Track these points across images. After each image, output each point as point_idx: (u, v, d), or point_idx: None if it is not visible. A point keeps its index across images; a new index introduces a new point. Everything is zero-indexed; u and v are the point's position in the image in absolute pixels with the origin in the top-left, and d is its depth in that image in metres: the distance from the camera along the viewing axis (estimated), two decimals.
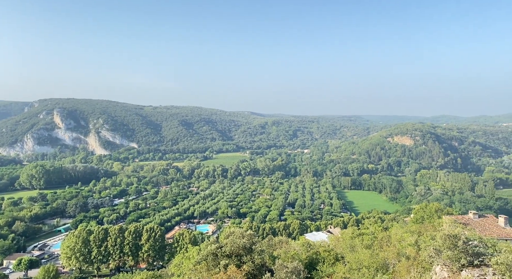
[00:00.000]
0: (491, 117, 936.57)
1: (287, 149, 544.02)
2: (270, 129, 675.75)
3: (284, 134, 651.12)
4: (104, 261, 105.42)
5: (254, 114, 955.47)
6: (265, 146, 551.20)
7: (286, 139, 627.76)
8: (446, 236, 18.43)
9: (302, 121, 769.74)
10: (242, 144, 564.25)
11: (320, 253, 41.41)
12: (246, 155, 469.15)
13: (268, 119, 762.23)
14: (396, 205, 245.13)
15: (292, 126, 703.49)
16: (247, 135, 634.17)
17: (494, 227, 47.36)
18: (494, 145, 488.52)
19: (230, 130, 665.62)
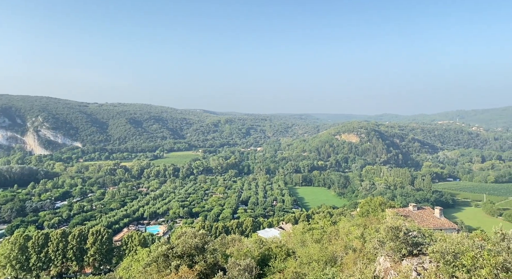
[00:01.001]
0: (428, 115, 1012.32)
1: (241, 147, 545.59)
2: (223, 127, 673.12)
3: (237, 132, 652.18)
4: (45, 267, 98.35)
5: (206, 112, 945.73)
6: (218, 144, 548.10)
7: (239, 137, 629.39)
8: (389, 228, 19.44)
9: (255, 120, 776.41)
10: (195, 142, 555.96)
11: (272, 249, 41.95)
12: (199, 154, 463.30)
13: (221, 118, 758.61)
14: (343, 200, 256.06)
15: (245, 124, 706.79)
16: (199, 133, 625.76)
17: (431, 218, 51.25)
18: (431, 141, 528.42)
19: (182, 128, 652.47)
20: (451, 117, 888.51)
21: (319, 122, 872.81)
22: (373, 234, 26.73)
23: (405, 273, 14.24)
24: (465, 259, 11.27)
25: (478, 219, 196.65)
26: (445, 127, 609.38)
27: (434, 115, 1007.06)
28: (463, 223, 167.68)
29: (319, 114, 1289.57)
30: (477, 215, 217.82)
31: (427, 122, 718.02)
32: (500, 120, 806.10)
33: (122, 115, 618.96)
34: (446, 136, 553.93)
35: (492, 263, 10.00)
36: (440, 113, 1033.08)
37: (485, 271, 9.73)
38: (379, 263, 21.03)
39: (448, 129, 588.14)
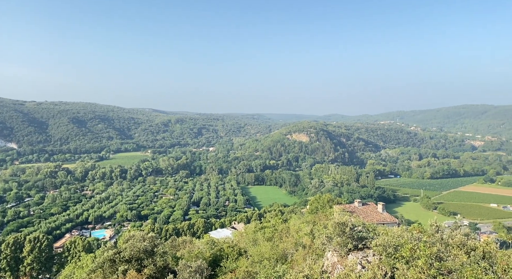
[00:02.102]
0: (371, 116, 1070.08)
1: (192, 147, 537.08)
2: (174, 127, 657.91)
3: (189, 132, 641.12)
4: None
5: (156, 112, 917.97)
6: (168, 145, 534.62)
7: (191, 137, 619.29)
8: (336, 224, 20.20)
9: (207, 119, 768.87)
10: (143, 142, 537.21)
11: (224, 250, 41.85)
12: (148, 154, 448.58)
13: (171, 117, 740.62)
14: (294, 198, 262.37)
15: (197, 124, 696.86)
16: (148, 133, 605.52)
17: (374, 213, 54.08)
18: (374, 140, 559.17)
19: (130, 128, 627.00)
20: (392, 117, 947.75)
21: (271, 122, 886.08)
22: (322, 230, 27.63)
23: (351, 267, 14.88)
24: (404, 251, 12.03)
25: (416, 213, 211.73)
26: (387, 127, 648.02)
27: (377, 115, 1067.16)
28: (403, 217, 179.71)
29: (271, 115, 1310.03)
30: (415, 209, 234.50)
31: (370, 122, 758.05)
32: (434, 121, 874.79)
33: (64, 115, 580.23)
34: (387, 136, 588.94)
35: (427, 254, 10.77)
36: (382, 114, 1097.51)
37: (421, 261, 10.45)
38: (327, 258, 21.78)
39: (389, 129, 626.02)
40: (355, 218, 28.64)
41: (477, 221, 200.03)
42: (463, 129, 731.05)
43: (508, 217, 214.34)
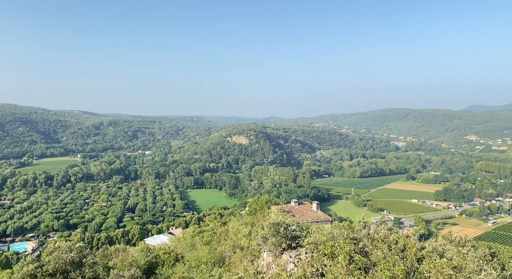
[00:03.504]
0: (307, 119, 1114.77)
1: (127, 150, 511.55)
2: (107, 130, 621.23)
3: (123, 135, 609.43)
4: None
5: (86, 114, 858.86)
6: (100, 148, 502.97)
7: (125, 140, 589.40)
8: (271, 224, 20.52)
9: (143, 122, 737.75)
10: (72, 146, 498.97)
11: (160, 256, 40.49)
12: (78, 159, 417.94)
13: (103, 119, 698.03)
14: (234, 200, 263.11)
15: (132, 127, 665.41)
16: (78, 137, 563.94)
17: (309, 212, 56.16)
18: (310, 142, 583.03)
19: (56, 131, 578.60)
20: (326, 120, 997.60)
21: (211, 125, 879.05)
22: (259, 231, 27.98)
23: (283, 266, 15.19)
24: (325, 248, 12.56)
25: (348, 210, 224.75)
26: (321, 129, 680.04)
27: (312, 118, 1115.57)
28: (336, 215, 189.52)
29: (211, 117, 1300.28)
30: (347, 207, 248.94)
31: (306, 125, 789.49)
32: (363, 123, 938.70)
33: None
34: (322, 137, 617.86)
35: (347, 250, 11.35)
36: (317, 116, 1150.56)
37: (341, 257, 10.99)
38: (263, 259, 22.04)
39: (324, 131, 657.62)
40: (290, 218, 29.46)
41: (401, 216, 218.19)
42: (388, 131, 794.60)
43: (427, 211, 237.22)
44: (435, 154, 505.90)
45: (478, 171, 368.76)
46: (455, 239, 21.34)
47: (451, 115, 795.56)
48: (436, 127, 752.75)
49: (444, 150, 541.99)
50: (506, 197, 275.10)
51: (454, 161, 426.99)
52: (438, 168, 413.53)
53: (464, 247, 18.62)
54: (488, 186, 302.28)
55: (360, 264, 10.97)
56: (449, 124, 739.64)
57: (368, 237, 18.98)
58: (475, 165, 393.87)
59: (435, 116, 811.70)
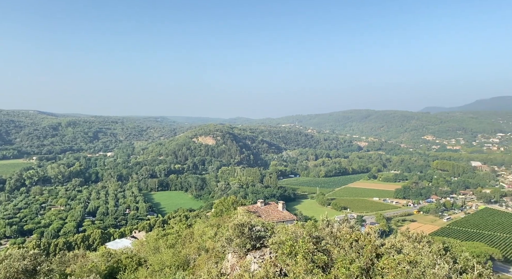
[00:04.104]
0: (274, 119, 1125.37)
1: (87, 152, 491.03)
2: (65, 131, 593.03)
3: (83, 136, 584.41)
4: None
5: (43, 114, 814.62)
6: (58, 150, 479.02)
7: (86, 142, 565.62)
8: (236, 225, 20.38)
9: (105, 122, 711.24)
10: (27, 148, 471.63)
11: (122, 261, 39.22)
12: (33, 162, 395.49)
13: (62, 120, 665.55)
14: (200, 202, 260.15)
15: (93, 127, 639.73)
16: (33, 138, 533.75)
17: (275, 212, 56.57)
18: (276, 142, 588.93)
19: (9, 132, 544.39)
20: (292, 121, 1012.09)
21: (176, 125, 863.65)
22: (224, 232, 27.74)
23: (246, 267, 15.10)
24: (284, 247, 12.64)
25: (313, 209, 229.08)
26: (287, 130, 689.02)
27: (279, 119, 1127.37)
28: (302, 214, 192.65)
29: (176, 117, 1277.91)
30: (312, 206, 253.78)
31: (273, 125, 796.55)
32: (328, 124, 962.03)
33: None
34: (288, 138, 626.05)
35: (305, 249, 11.47)
36: (283, 117, 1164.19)
37: (299, 256, 11.09)
38: (228, 260, 21.84)
39: (290, 132, 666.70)
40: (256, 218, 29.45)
41: (363, 213, 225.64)
42: (351, 132, 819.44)
43: (387, 209, 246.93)
44: (395, 154, 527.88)
45: (434, 170, 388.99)
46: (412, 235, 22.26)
47: (409, 116, 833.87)
48: (395, 128, 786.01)
49: (403, 149, 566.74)
50: (459, 194, 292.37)
51: (412, 160, 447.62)
52: (398, 167, 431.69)
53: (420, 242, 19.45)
54: (443, 183, 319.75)
55: (319, 262, 11.10)
56: (407, 125, 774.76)
57: (331, 235, 19.34)
58: (431, 164, 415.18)
59: (394, 117, 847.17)
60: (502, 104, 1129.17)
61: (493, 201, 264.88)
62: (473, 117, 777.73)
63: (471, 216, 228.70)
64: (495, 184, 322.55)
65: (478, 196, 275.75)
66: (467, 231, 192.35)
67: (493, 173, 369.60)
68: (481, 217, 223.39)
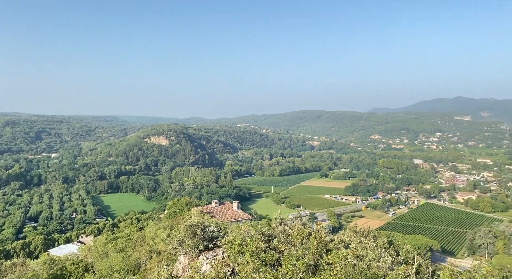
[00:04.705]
0: (229, 119, 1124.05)
1: (28, 153, 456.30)
2: (3, 131, 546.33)
3: (23, 136, 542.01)
4: None
5: None
6: None
7: (27, 142, 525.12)
8: (187, 226, 20.00)
9: (48, 122, 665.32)
10: None
11: (66, 268, 37.04)
12: None
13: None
14: (153, 204, 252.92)
15: (35, 127, 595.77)
16: None
17: (230, 211, 56.47)
18: (232, 142, 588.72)
19: None
20: (247, 121, 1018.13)
21: (126, 125, 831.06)
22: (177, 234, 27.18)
23: (197, 268, 14.88)
24: (233, 247, 12.66)
25: (268, 208, 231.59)
26: (242, 130, 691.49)
27: (234, 119, 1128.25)
28: (256, 213, 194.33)
29: (127, 117, 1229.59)
30: (267, 205, 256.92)
31: (228, 125, 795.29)
32: (282, 124, 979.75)
33: None
34: (243, 138, 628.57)
35: (253, 248, 11.56)
36: (239, 117, 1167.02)
37: (247, 255, 11.15)
38: (180, 262, 21.41)
39: (245, 132, 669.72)
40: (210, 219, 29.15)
41: (315, 211, 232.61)
42: (304, 131, 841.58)
43: (338, 205, 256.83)
44: (345, 152, 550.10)
45: (381, 168, 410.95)
46: (360, 231, 23.35)
47: (358, 116, 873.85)
48: (345, 127, 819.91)
49: (352, 148, 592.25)
50: (403, 190, 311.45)
51: (360, 159, 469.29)
52: (348, 165, 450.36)
53: (367, 237, 20.45)
54: (389, 180, 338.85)
55: (268, 260, 11.23)
56: (356, 125, 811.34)
57: (283, 233, 19.65)
58: (378, 162, 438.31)
59: (344, 118, 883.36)
60: (441, 105, 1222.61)
61: (433, 196, 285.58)
62: (415, 118, 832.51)
63: (414, 210, 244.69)
64: (434, 180, 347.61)
65: (420, 192, 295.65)
66: (410, 224, 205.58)
67: (432, 170, 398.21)
68: (422, 212, 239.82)
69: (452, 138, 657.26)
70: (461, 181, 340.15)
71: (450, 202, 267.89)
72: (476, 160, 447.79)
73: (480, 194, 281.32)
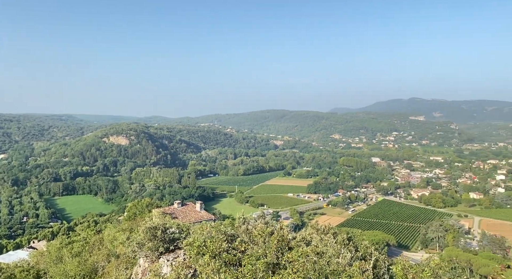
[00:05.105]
0: (193, 118, 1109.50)
1: None
2: None
3: None
4: None
5: None
6: None
7: None
8: (147, 228, 19.39)
9: None
10: None
11: (15, 275, 34.91)
12: None
13: None
14: (112, 206, 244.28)
15: None
16: None
17: (193, 212, 55.59)
18: (195, 142, 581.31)
19: None
20: (211, 120, 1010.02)
21: (83, 124, 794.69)
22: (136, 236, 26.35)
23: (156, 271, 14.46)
24: (192, 249, 12.45)
25: (232, 208, 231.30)
26: (206, 129, 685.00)
27: (198, 118, 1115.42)
28: (220, 213, 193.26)
29: (83, 115, 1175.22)
30: (231, 204, 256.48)
31: (192, 125, 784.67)
32: (246, 123, 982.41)
33: None
34: (207, 137, 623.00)
35: (212, 249, 11.43)
36: (202, 116, 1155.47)
37: (206, 257, 11.00)
38: (140, 265, 20.74)
39: (209, 131, 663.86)
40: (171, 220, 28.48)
41: (279, 209, 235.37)
42: (268, 131, 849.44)
43: (301, 203, 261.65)
44: (308, 151, 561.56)
45: (341, 166, 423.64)
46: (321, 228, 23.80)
47: (320, 116, 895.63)
48: (308, 127, 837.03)
49: (314, 147, 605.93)
50: (362, 187, 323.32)
51: (322, 158, 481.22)
52: (310, 164, 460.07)
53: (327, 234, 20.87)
54: (348, 178, 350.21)
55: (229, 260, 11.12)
56: (318, 124, 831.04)
57: (246, 232, 19.58)
58: (339, 160, 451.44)
59: (307, 117, 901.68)
60: (397, 106, 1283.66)
61: (390, 193, 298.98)
62: (373, 117, 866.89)
63: (372, 207, 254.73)
64: (391, 178, 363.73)
65: (377, 189, 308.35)
66: (368, 221, 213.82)
67: (389, 167, 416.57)
68: (379, 208, 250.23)
69: (407, 137, 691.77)
70: (415, 178, 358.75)
71: (406, 198, 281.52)
72: (429, 158, 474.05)
73: (432, 190, 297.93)
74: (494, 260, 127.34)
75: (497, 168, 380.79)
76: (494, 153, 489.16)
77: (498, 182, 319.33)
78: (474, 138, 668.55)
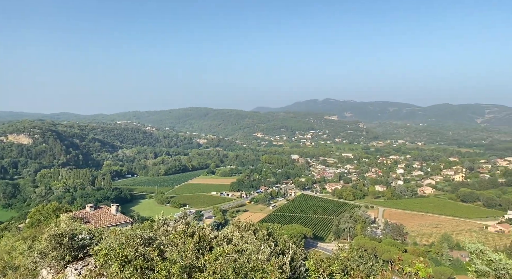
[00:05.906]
0: (108, 115, 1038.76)
1: None
2: None
3: None
4: None
5: None
6: None
7: None
8: (51, 236, 17.40)
9: None
10: None
11: None
12: None
13: None
14: (12, 212, 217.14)
15: None
16: None
17: (108, 215, 51.88)
18: (111, 140, 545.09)
19: None
20: (128, 117, 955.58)
21: None
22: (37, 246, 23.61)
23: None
24: (98, 257, 11.58)
25: (152, 209, 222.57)
26: (123, 127, 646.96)
27: (113, 115, 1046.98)
28: (139, 215, 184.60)
29: None
30: (151, 206, 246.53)
31: (107, 122, 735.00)
32: (168, 121, 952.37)
33: None
34: (125, 136, 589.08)
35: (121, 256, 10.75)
36: (119, 113, 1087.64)
37: (114, 265, 10.31)
38: (42, 277, 18.59)
39: (126, 129, 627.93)
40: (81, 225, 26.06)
41: (202, 208, 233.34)
42: (191, 129, 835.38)
43: (224, 202, 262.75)
44: (231, 150, 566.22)
45: (263, 163, 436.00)
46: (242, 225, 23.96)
47: (243, 115, 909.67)
48: (231, 125, 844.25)
49: (238, 145, 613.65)
50: (282, 183, 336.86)
51: (246, 155, 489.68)
52: (234, 162, 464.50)
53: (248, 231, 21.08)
54: (270, 175, 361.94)
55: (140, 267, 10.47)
56: (242, 123, 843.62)
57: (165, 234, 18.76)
58: (261, 158, 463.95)
59: (231, 116, 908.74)
60: (314, 106, 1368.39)
61: (307, 188, 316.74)
62: (292, 117, 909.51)
63: (291, 202, 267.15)
64: (308, 174, 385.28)
65: (296, 184, 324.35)
66: (288, 215, 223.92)
67: (307, 164, 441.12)
68: (298, 202, 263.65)
69: (322, 135, 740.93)
70: (330, 173, 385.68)
71: (321, 192, 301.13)
72: (341, 154, 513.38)
73: (344, 184, 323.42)
74: (395, 246, 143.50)
75: (397, 162, 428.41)
76: (395, 149, 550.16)
77: (398, 175, 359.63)
78: (379, 136, 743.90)
